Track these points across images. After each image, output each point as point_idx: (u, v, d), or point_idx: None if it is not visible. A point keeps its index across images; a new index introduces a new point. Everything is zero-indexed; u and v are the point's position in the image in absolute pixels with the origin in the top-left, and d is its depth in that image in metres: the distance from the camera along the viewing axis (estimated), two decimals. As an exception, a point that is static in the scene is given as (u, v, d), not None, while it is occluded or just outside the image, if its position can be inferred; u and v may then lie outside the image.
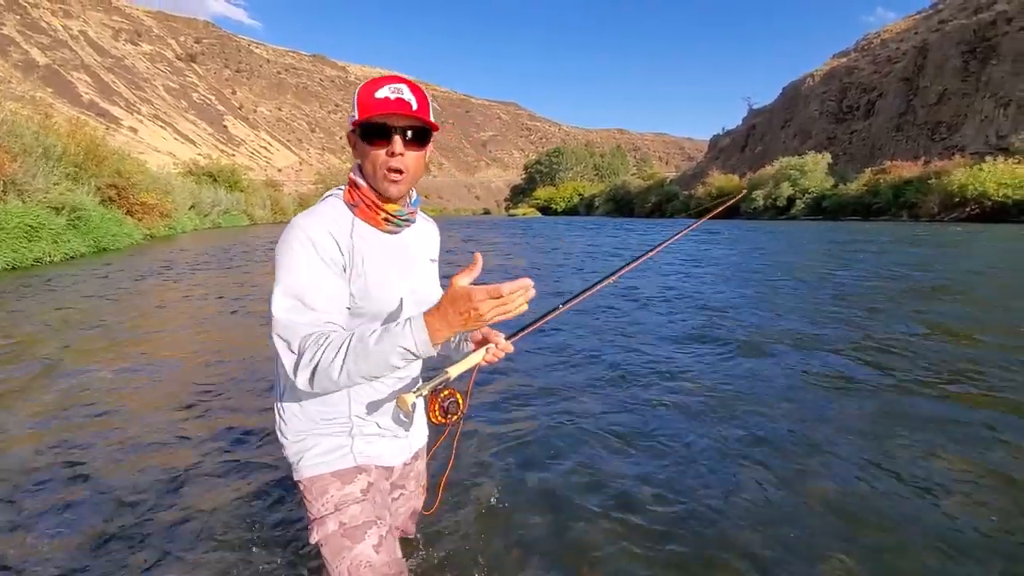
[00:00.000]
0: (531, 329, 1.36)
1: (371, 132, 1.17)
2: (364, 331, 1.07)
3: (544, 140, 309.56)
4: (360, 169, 1.26)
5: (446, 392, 1.21)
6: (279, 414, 1.37)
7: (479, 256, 1.08)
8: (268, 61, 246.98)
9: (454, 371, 1.20)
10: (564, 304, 1.42)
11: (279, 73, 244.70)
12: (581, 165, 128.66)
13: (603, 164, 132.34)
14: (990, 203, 30.96)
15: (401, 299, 1.29)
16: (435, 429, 1.56)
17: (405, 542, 1.71)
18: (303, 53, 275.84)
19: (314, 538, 1.30)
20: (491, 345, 1.26)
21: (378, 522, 1.31)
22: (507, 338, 1.30)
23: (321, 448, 1.33)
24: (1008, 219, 29.44)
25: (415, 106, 1.17)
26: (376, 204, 1.24)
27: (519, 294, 1.03)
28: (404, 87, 1.18)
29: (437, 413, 1.22)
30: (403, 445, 1.46)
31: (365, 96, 1.17)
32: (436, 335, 1.03)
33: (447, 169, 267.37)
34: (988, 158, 33.32)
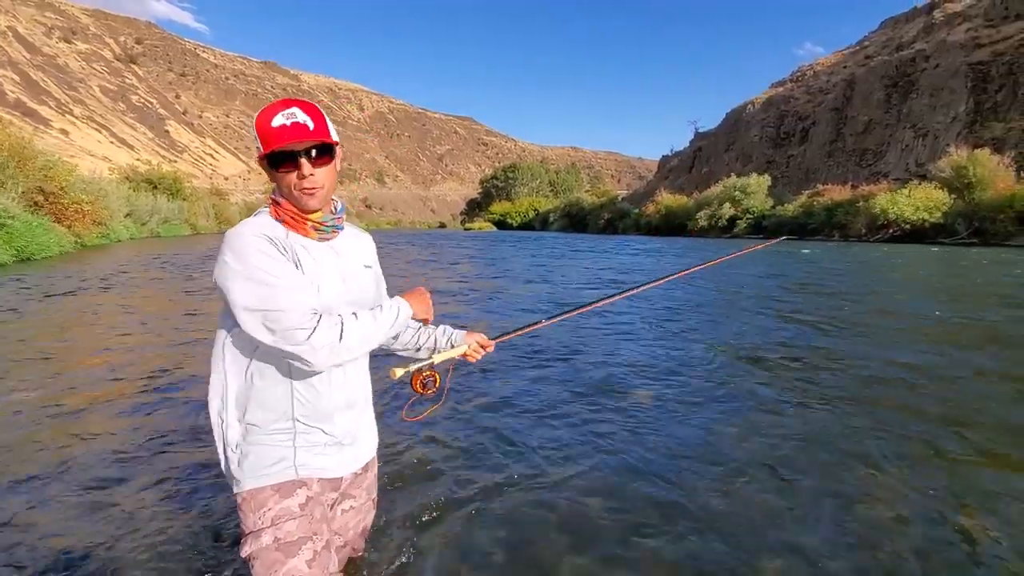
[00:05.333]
0: (514, 335, 1.72)
1: (277, 161, 1.26)
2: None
3: (500, 155, 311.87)
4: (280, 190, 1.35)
5: (428, 372, 1.56)
6: (219, 426, 1.36)
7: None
8: (216, 66, 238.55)
9: (438, 358, 1.58)
10: (547, 319, 1.75)
11: (227, 79, 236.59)
12: (536, 181, 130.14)
13: (558, 180, 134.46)
14: (909, 225, 33.52)
15: (340, 300, 1.35)
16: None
17: (352, 560, 1.72)
18: (253, 59, 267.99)
19: (246, 551, 1.29)
20: (473, 342, 1.62)
21: (314, 537, 1.31)
22: (492, 339, 1.63)
23: (262, 460, 1.32)
24: (926, 239, 31.96)
25: (312, 126, 1.25)
26: (300, 216, 1.33)
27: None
28: (297, 110, 1.26)
29: (418, 385, 1.55)
30: (350, 455, 1.46)
31: (263, 127, 1.24)
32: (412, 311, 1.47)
33: (403, 182, 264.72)
34: (912, 182, 36.12)
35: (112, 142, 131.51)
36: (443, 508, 2.37)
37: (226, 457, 1.35)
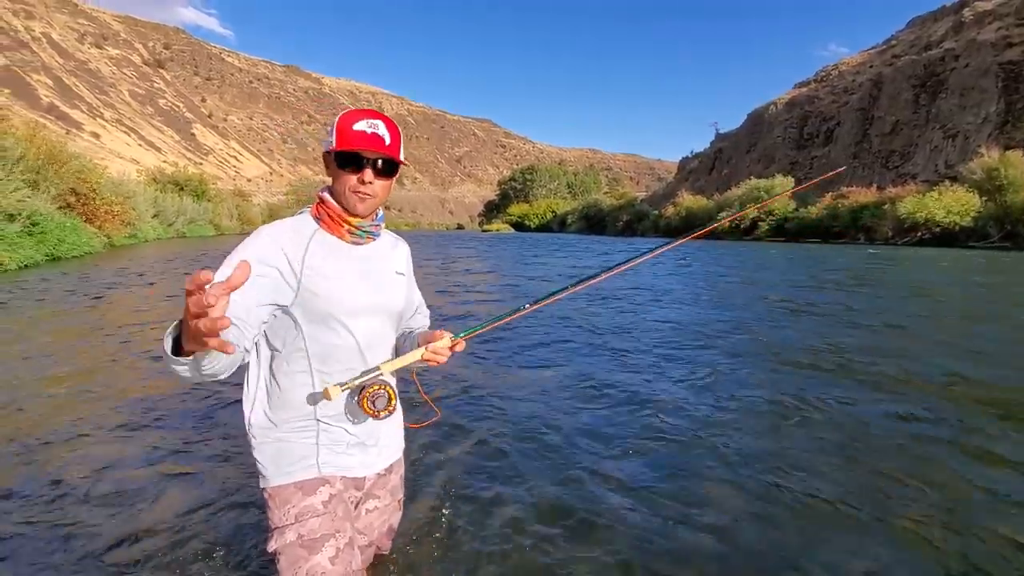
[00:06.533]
0: (486, 329, 1.44)
1: (346, 160, 1.30)
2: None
3: (518, 157, 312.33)
4: (330, 188, 1.38)
5: (376, 387, 1.30)
6: (248, 424, 1.39)
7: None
8: (240, 70, 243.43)
9: (386, 367, 1.32)
10: (529, 305, 1.53)
11: (251, 82, 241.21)
12: (554, 183, 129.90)
13: (576, 182, 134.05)
14: (938, 228, 32.62)
15: (362, 304, 1.37)
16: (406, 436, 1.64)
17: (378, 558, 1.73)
18: (276, 63, 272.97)
19: (272, 546, 1.33)
20: (432, 343, 1.33)
21: (337, 534, 1.33)
22: (463, 336, 1.38)
23: (287, 458, 1.35)
24: (956, 243, 31.07)
25: (388, 141, 1.30)
26: (341, 217, 1.36)
27: (209, 286, 0.83)
28: (380, 123, 1.31)
29: (366, 404, 1.30)
30: (374, 455, 1.48)
31: (344, 126, 1.29)
32: (183, 338, 0.95)
33: (421, 184, 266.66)
34: (944, 183, 35.13)
35: (140, 145, 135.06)
36: (461, 509, 2.38)
37: (255, 454, 1.39)
